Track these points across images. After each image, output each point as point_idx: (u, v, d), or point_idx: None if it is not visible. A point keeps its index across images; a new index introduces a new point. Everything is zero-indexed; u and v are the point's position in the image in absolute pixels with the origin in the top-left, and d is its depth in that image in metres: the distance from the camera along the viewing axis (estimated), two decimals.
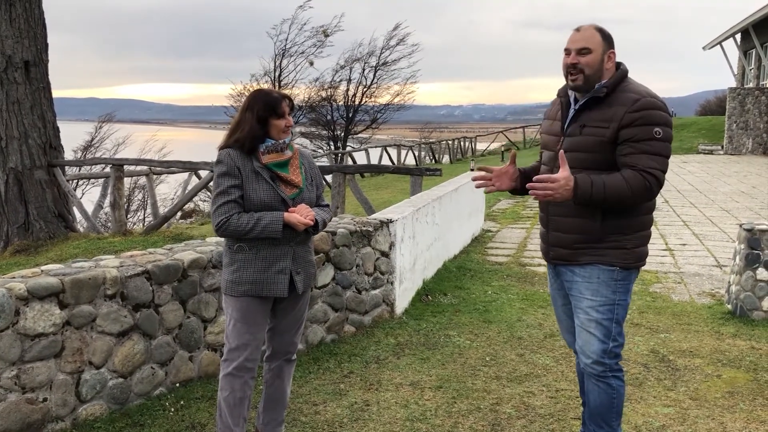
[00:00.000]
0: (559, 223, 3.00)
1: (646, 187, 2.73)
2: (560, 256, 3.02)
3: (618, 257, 2.90)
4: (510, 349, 4.86)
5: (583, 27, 2.87)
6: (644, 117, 2.74)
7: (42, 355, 3.36)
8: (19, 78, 9.05)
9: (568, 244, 2.97)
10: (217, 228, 2.92)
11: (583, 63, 2.82)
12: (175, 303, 3.97)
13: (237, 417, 3.09)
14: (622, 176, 2.73)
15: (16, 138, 9.09)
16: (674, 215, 11.31)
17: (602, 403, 3.04)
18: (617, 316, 2.96)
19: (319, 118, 33.98)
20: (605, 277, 2.92)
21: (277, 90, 3.04)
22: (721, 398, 4.03)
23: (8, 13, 8.93)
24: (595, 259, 2.92)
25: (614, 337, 2.97)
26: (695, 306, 5.99)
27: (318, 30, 31.23)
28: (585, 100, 2.88)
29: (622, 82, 2.86)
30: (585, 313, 2.98)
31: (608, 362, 2.98)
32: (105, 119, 24.36)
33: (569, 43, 2.87)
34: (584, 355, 3.02)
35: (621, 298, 2.95)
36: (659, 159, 2.76)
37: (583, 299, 2.98)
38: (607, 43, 2.84)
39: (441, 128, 75.89)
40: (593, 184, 2.72)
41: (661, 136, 2.75)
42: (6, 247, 9.11)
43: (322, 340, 4.88)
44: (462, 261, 7.73)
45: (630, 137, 2.75)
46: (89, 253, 7.94)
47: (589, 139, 2.83)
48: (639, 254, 2.95)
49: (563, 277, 3.08)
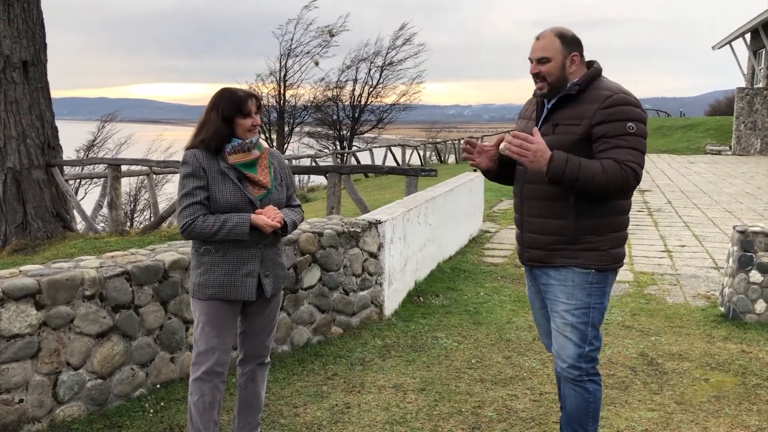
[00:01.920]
0: (533, 224, 2.96)
1: (623, 177, 2.67)
2: (535, 258, 2.99)
3: (592, 259, 2.86)
4: (497, 352, 4.82)
5: (542, 34, 2.86)
6: (616, 113, 2.71)
7: (17, 356, 3.35)
8: (17, 78, 9.09)
9: (542, 246, 2.94)
10: (182, 230, 2.89)
11: (544, 72, 2.81)
12: (156, 304, 3.96)
13: (207, 421, 3.06)
14: (600, 163, 2.69)
15: (14, 138, 9.12)
16: (676, 216, 11.22)
17: (578, 408, 3.02)
18: (593, 319, 2.93)
19: (325, 118, 34.03)
20: (580, 281, 2.89)
21: (243, 89, 3.00)
22: (707, 402, 3.98)
23: (6, 13, 8.96)
24: (570, 261, 2.88)
25: (590, 341, 2.94)
26: (689, 308, 5.93)
27: (323, 30, 31.33)
28: (557, 99, 2.85)
29: (595, 80, 2.83)
30: (560, 317, 2.95)
31: (584, 366, 2.95)
32: (108, 118, 24.42)
33: (530, 53, 2.87)
34: (560, 360, 2.99)
35: (596, 302, 2.92)
36: (635, 153, 2.72)
37: (558, 302, 2.95)
38: (567, 48, 2.82)
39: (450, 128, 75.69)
40: (568, 161, 2.67)
41: (635, 130, 2.72)
42: (4, 247, 9.15)
43: (308, 342, 4.86)
44: (457, 262, 7.69)
45: (603, 134, 2.72)
46: (85, 252, 7.95)
47: (562, 137, 2.80)
48: (615, 256, 2.90)
49: (539, 280, 3.04)
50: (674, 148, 27.83)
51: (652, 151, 27.36)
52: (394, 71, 34.11)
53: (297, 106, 32.94)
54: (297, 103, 32.93)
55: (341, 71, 33.33)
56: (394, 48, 33.71)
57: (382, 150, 26.71)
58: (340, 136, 33.97)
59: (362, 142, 35.28)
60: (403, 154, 26.31)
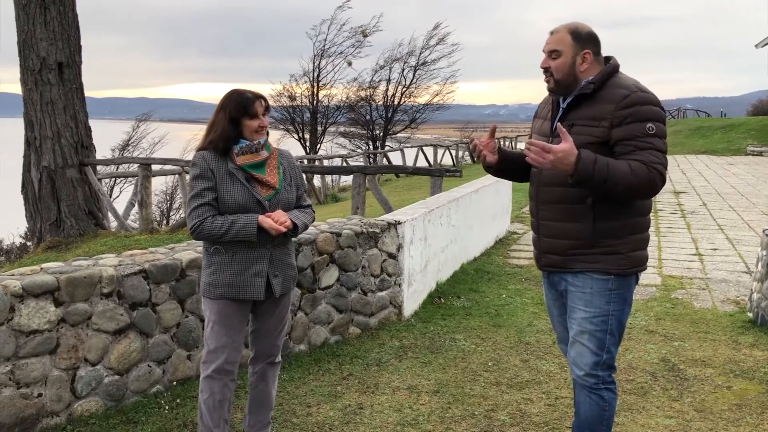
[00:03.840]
0: (550, 229, 2.89)
1: (650, 179, 2.59)
2: (552, 263, 2.92)
3: (612, 263, 2.77)
4: (515, 355, 4.78)
5: (557, 29, 2.79)
6: (635, 113, 2.63)
7: (36, 351, 3.44)
8: (52, 79, 9.31)
9: (560, 251, 2.86)
10: (192, 231, 2.93)
11: (553, 67, 2.75)
12: (173, 302, 4.02)
13: (217, 419, 3.10)
14: (627, 164, 2.60)
15: (49, 137, 9.36)
16: (710, 219, 10.97)
17: (593, 416, 2.94)
18: (611, 327, 2.84)
19: (358, 118, 34.12)
20: (599, 288, 2.80)
21: (251, 90, 3.02)
22: (728, 410, 3.88)
23: (43, 16, 9.19)
24: (588, 266, 2.80)
25: (608, 349, 2.86)
26: (716, 314, 5.79)
27: (357, 30, 31.38)
28: (572, 97, 2.78)
29: (611, 77, 2.74)
30: (578, 324, 2.87)
31: (601, 374, 2.88)
32: (142, 118, 24.89)
33: (543, 46, 2.80)
34: (577, 367, 2.92)
35: (616, 309, 2.83)
36: (658, 154, 2.64)
37: (577, 309, 2.87)
38: (579, 44, 2.74)
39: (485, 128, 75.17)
40: (596, 162, 2.58)
41: (655, 131, 2.63)
42: (39, 244, 9.39)
43: (325, 342, 4.88)
44: (481, 263, 7.64)
45: (623, 137, 2.64)
46: (115, 250, 8.11)
47: (579, 138, 2.69)
48: (635, 259, 2.81)
49: (557, 287, 2.97)
50: (713, 149, 27.22)
51: (690, 151, 26.82)
52: (427, 71, 34.03)
53: (330, 107, 33.10)
54: (330, 104, 33.09)
55: (375, 71, 33.40)
56: (427, 48, 33.63)
57: (414, 150, 26.64)
58: (373, 136, 34.01)
59: (395, 142, 35.27)
60: (435, 154, 26.22)
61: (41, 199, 9.46)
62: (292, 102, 32.04)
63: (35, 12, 9.17)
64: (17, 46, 9.44)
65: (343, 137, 35.22)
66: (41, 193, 9.45)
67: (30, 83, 9.38)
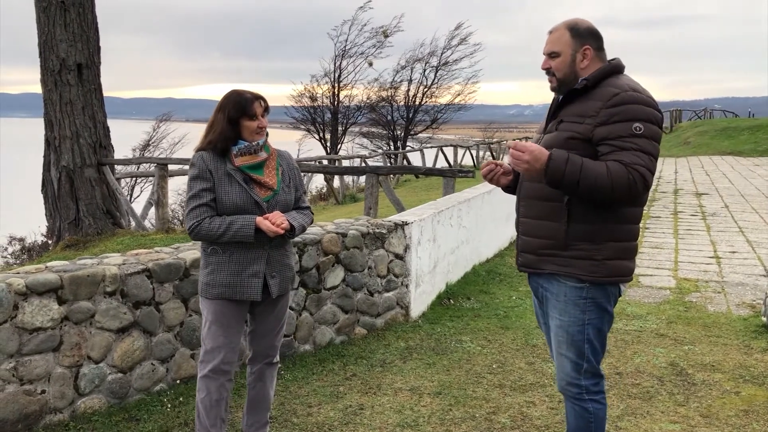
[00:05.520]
0: (528, 226, 2.78)
1: (629, 182, 2.44)
2: (527, 263, 2.81)
3: (584, 269, 2.62)
4: (521, 357, 4.74)
5: (556, 27, 2.71)
6: (622, 112, 2.51)
7: (40, 348, 3.49)
8: (72, 80, 9.45)
9: (533, 250, 2.76)
10: (190, 232, 2.95)
11: (554, 67, 2.69)
12: (177, 301, 4.05)
13: (214, 418, 3.11)
14: (605, 165, 2.48)
15: (68, 137, 9.50)
16: (731, 221, 10.79)
17: (579, 427, 2.83)
18: (588, 335, 2.72)
19: (379, 118, 34.13)
20: (573, 296, 2.69)
21: (251, 91, 3.02)
22: (735, 416, 3.81)
23: (63, 18, 9.33)
24: (559, 269, 2.68)
25: (588, 358, 2.75)
26: (730, 318, 5.69)
27: (378, 31, 31.39)
28: (565, 94, 2.71)
29: (609, 77, 2.64)
30: (555, 333, 2.79)
31: (584, 383, 2.77)
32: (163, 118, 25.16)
33: (543, 47, 2.75)
34: (559, 377, 2.84)
35: (592, 317, 2.70)
36: (643, 156, 2.49)
37: (554, 318, 2.78)
38: (578, 41, 2.65)
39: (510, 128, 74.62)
40: (569, 161, 2.47)
41: (643, 131, 2.49)
42: (58, 242, 9.53)
43: (331, 342, 4.88)
44: (494, 265, 7.60)
45: (606, 135, 2.52)
46: (130, 249, 8.20)
47: (562, 134, 2.63)
48: (612, 268, 2.62)
49: (536, 293, 2.89)
50: (740, 150, 26.72)
51: (716, 152, 26.39)
52: (449, 71, 33.93)
53: (350, 107, 33.16)
54: (350, 104, 33.14)
55: (396, 71, 33.37)
56: (449, 48, 33.52)
57: (434, 150, 26.55)
58: (394, 136, 33.99)
59: (416, 143, 35.20)
60: (455, 155, 26.11)
61: (60, 198, 9.61)
62: (313, 102, 32.16)
63: (55, 14, 9.32)
64: (38, 47, 9.61)
65: (364, 137, 35.25)
66: (60, 192, 9.60)
67: (50, 84, 9.54)
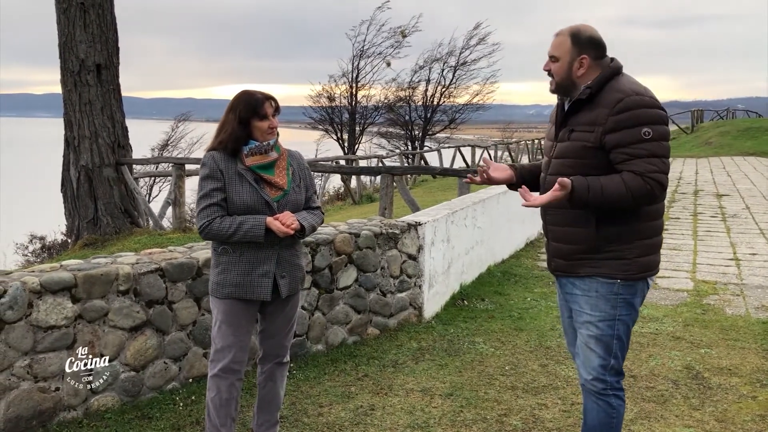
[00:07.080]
0: (557, 233, 2.88)
1: (648, 191, 2.57)
2: (560, 268, 2.91)
3: (617, 269, 2.74)
4: (534, 359, 4.70)
5: (561, 31, 2.78)
6: (629, 119, 2.58)
7: (54, 346, 3.52)
8: (91, 80, 9.55)
9: (565, 255, 2.85)
10: (200, 231, 2.96)
11: (553, 69, 2.77)
12: (190, 300, 4.07)
13: (224, 417, 3.12)
14: (622, 179, 2.58)
15: (87, 137, 9.59)
16: (751, 223, 10.64)
17: (600, 423, 2.90)
18: (618, 332, 2.81)
19: (396, 118, 34.10)
20: (604, 291, 2.77)
21: (261, 91, 3.03)
22: (750, 421, 3.75)
23: (82, 19, 9.43)
24: (594, 271, 2.77)
25: (615, 354, 2.83)
26: (749, 321, 5.61)
27: (396, 31, 31.37)
28: (571, 103, 2.76)
29: (610, 80, 2.69)
30: (585, 328, 2.85)
31: (609, 380, 2.85)
32: (181, 118, 25.35)
33: (549, 47, 2.79)
34: (584, 371, 2.90)
35: (623, 313, 2.79)
36: (656, 161, 2.58)
37: (583, 314, 2.85)
38: (577, 49, 2.71)
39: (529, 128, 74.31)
40: (590, 189, 2.59)
41: (651, 135, 2.57)
42: (77, 241, 9.64)
43: (343, 342, 4.88)
44: (509, 266, 7.55)
45: (617, 143, 2.60)
46: (147, 248, 8.26)
47: (576, 144, 2.71)
48: (643, 264, 2.76)
49: (564, 290, 2.96)
50: (763, 151, 26.33)
51: (738, 153, 26.03)
52: (467, 71, 33.81)
53: (368, 107, 33.17)
54: (368, 104, 33.15)
55: (414, 72, 33.32)
56: (467, 48, 33.41)
57: (452, 150, 26.47)
58: (412, 136, 33.95)
59: (434, 143, 35.12)
60: (473, 155, 26.03)
61: (79, 198, 9.72)
62: (331, 102, 32.22)
63: (75, 15, 9.42)
64: (58, 48, 9.71)
65: (381, 137, 35.25)
66: (79, 191, 9.70)
67: (69, 84, 9.64)
